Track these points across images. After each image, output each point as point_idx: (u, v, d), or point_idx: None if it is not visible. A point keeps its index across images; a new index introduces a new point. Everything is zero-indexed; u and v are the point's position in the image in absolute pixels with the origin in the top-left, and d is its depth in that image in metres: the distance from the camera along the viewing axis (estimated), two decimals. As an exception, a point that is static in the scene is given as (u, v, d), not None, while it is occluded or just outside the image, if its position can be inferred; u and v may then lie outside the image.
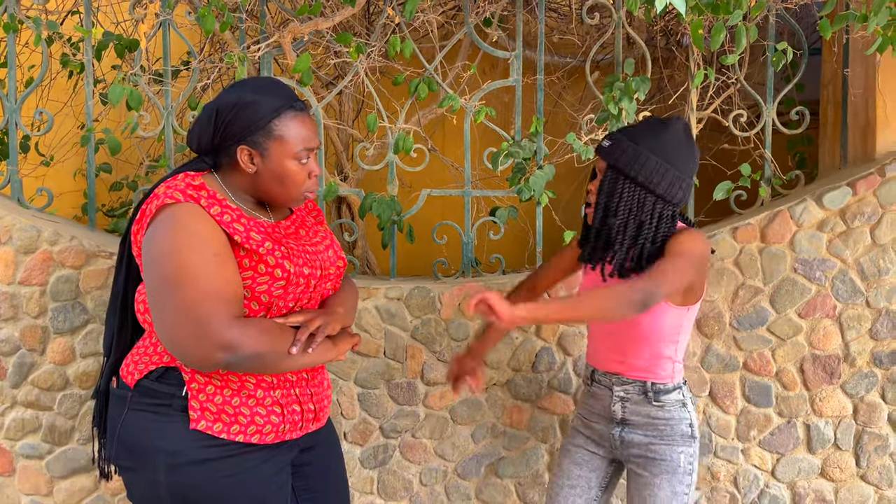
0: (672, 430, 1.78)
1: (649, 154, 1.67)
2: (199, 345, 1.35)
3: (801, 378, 2.35)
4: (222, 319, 1.36)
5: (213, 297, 1.36)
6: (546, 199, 2.41)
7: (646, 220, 1.69)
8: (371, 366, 2.33)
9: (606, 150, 1.72)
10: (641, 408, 1.80)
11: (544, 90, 2.50)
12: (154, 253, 1.40)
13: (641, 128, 1.73)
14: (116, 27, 2.90)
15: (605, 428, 1.85)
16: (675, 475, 1.76)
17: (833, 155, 2.69)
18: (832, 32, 2.22)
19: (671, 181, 1.68)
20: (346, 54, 2.44)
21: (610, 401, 1.83)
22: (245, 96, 1.47)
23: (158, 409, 1.46)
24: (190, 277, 1.36)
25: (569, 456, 1.91)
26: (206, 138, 1.49)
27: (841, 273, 2.32)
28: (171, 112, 2.41)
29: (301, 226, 1.62)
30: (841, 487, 2.37)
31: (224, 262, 1.40)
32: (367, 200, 2.39)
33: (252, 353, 1.38)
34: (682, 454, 1.78)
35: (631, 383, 1.80)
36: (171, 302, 1.37)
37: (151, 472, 1.45)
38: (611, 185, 1.70)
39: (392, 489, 2.36)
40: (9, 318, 2.24)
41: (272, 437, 1.51)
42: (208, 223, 1.42)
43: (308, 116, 1.53)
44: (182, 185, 1.45)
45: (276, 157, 1.47)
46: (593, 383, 1.88)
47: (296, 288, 1.49)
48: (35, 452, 2.27)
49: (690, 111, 2.48)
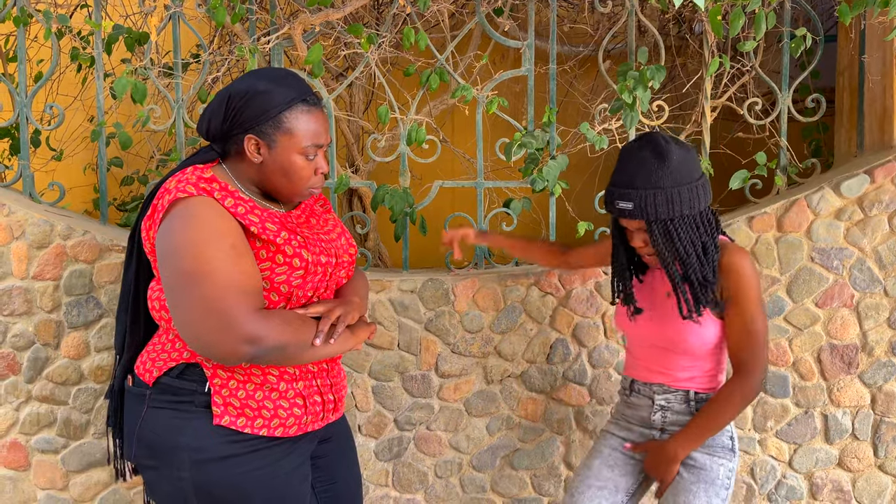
0: (713, 440, 1.75)
1: (678, 188, 1.63)
2: (223, 339, 1.34)
3: (819, 368, 2.33)
4: (244, 312, 1.34)
5: (233, 289, 1.35)
6: (559, 189, 2.40)
7: (705, 236, 1.68)
8: (385, 358, 2.33)
9: (636, 211, 1.65)
10: (682, 417, 1.77)
11: (556, 80, 2.47)
12: (170, 247, 1.38)
13: (646, 169, 1.65)
14: (126, 20, 2.89)
15: (645, 432, 1.83)
16: (712, 486, 1.73)
17: (850, 142, 2.66)
18: (850, 18, 2.19)
19: (698, 193, 1.66)
20: (356, 45, 2.43)
21: (650, 410, 1.81)
22: (258, 85, 1.44)
23: (180, 405, 1.45)
24: (209, 271, 1.34)
25: (601, 457, 1.86)
26: (216, 124, 1.47)
27: (859, 262, 2.30)
28: (181, 105, 2.40)
29: (311, 215, 1.60)
30: (858, 477, 2.36)
31: (241, 254, 1.39)
32: (380, 192, 2.38)
33: (276, 344, 1.37)
34: (722, 467, 1.75)
35: (674, 392, 1.78)
36: (190, 296, 1.35)
37: (176, 469, 1.43)
38: (665, 236, 1.66)
39: (407, 481, 2.36)
40: (23, 313, 2.24)
41: (295, 430, 1.50)
42: (223, 215, 1.40)
43: (320, 112, 1.50)
44: (193, 178, 1.43)
45: (283, 149, 1.45)
46: (632, 394, 1.85)
47: (314, 277, 1.48)
48: (50, 447, 2.27)
49: (705, 99, 2.46)
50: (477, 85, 2.46)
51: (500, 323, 2.33)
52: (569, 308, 2.34)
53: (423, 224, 2.45)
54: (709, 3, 2.02)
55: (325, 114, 1.52)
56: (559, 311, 2.34)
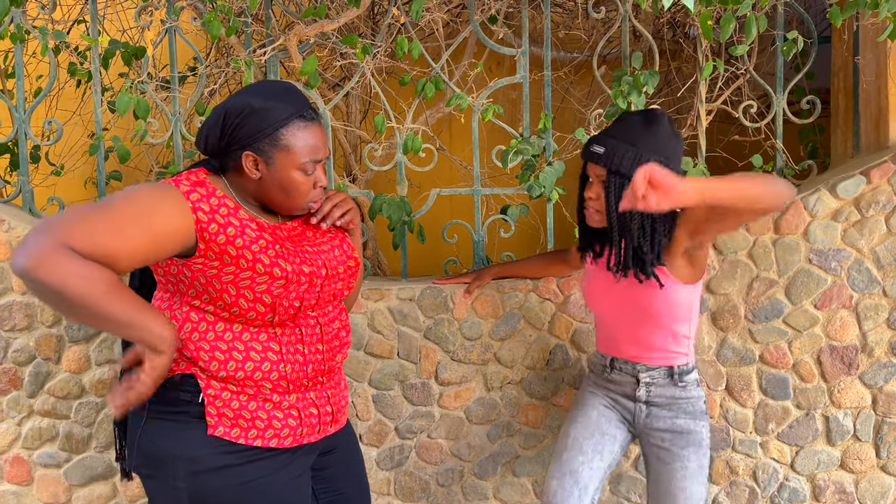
0: (693, 406, 1.83)
1: (649, 154, 1.67)
2: (33, 236, 1.26)
3: (819, 369, 2.33)
4: (68, 237, 1.26)
5: (100, 228, 1.30)
6: (556, 195, 2.40)
7: (657, 216, 1.71)
8: (385, 367, 2.33)
9: (603, 156, 1.71)
10: (666, 390, 1.83)
11: (552, 86, 2.48)
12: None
13: (630, 127, 1.71)
14: (122, 35, 2.90)
15: (628, 402, 1.88)
16: (700, 448, 1.81)
17: (845, 144, 2.66)
18: (843, 20, 2.20)
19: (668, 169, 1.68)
20: (351, 56, 2.44)
21: (634, 387, 1.85)
22: (254, 102, 1.44)
23: (176, 416, 1.45)
24: (112, 208, 1.33)
25: (595, 409, 1.90)
26: (213, 140, 1.47)
27: (857, 263, 2.30)
28: (179, 118, 2.41)
29: (308, 227, 1.60)
30: (861, 479, 2.35)
31: (146, 234, 1.34)
32: (378, 202, 2.39)
33: (53, 284, 1.24)
34: (704, 429, 1.83)
35: (656, 369, 1.83)
36: (89, 206, 1.33)
37: (172, 479, 1.44)
38: (619, 191, 1.69)
39: (409, 490, 2.36)
40: (24, 328, 2.25)
41: (290, 441, 1.50)
42: (175, 202, 1.39)
43: (318, 126, 1.50)
44: (182, 177, 1.46)
45: (281, 166, 1.45)
46: (613, 371, 1.88)
47: (298, 287, 1.47)
48: (53, 461, 2.28)
49: (700, 103, 2.46)
50: (472, 93, 2.47)
51: (500, 330, 2.34)
52: (567, 313, 2.34)
53: (421, 232, 2.46)
54: (699, 7, 2.03)
55: (322, 127, 1.52)
56: (558, 316, 2.34)
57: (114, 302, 1.29)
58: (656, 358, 1.82)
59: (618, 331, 1.86)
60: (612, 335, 1.88)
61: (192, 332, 1.45)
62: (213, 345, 1.45)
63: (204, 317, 1.45)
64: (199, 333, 1.45)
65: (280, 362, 1.48)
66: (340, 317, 1.62)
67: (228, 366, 1.45)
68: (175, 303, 1.48)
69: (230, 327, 1.46)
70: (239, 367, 1.45)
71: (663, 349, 1.82)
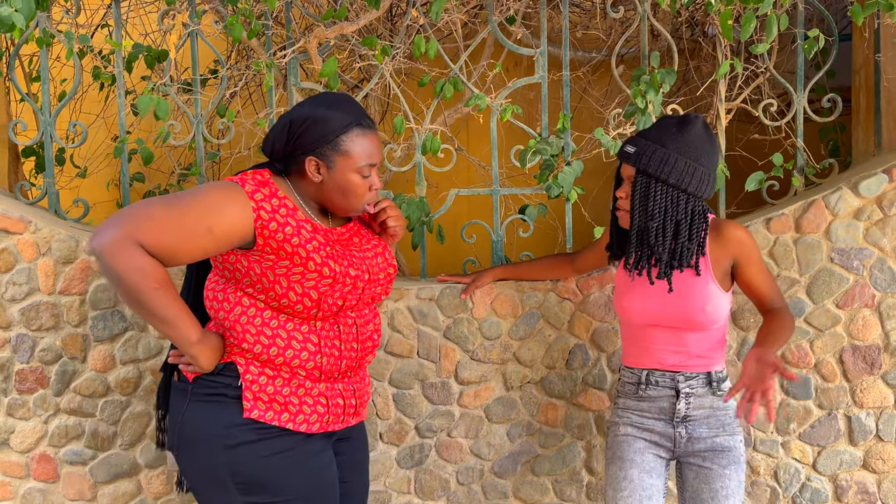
0: (728, 418, 1.82)
1: (678, 156, 1.72)
2: (109, 225, 1.47)
3: (841, 369, 2.31)
4: (137, 232, 1.45)
5: (167, 227, 1.47)
6: (575, 195, 2.40)
7: (682, 218, 1.74)
8: (405, 366, 2.34)
9: (633, 155, 1.75)
10: (704, 400, 1.82)
11: (570, 86, 2.48)
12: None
13: (663, 129, 1.76)
14: (145, 38, 2.94)
15: (666, 427, 1.84)
16: (739, 465, 1.81)
17: (867, 142, 2.64)
18: (864, 17, 2.18)
19: (700, 178, 1.74)
20: (371, 57, 2.45)
21: (672, 400, 1.82)
22: (317, 111, 1.58)
23: (215, 398, 1.58)
24: (180, 208, 1.49)
25: (635, 466, 1.83)
26: (279, 146, 1.61)
27: (879, 262, 2.28)
28: (200, 120, 2.44)
29: (356, 233, 1.72)
30: (884, 479, 2.33)
31: (207, 235, 1.50)
32: (397, 202, 2.40)
33: (117, 269, 1.45)
34: (740, 444, 1.83)
35: (695, 377, 1.82)
36: (161, 202, 1.52)
37: (211, 457, 1.56)
38: (644, 190, 1.73)
39: (429, 489, 2.37)
40: (50, 328, 2.29)
41: (318, 427, 1.62)
42: (238, 202, 1.52)
43: (374, 133, 1.64)
44: (248, 176, 1.58)
45: (340, 169, 1.60)
46: (648, 387, 1.85)
47: (342, 287, 1.59)
48: (79, 458, 2.32)
49: (719, 102, 2.45)
50: (491, 93, 2.48)
51: (519, 329, 2.34)
52: (587, 313, 2.35)
53: (440, 232, 2.47)
54: (719, 5, 2.03)
55: (377, 135, 1.67)
56: (577, 316, 2.35)
57: (159, 298, 1.47)
58: (696, 365, 1.81)
59: (659, 340, 1.83)
60: (650, 346, 1.85)
61: (242, 314, 1.58)
62: (259, 329, 1.57)
63: (254, 303, 1.59)
64: (248, 317, 1.58)
65: (317, 353, 1.60)
66: (375, 320, 1.74)
67: (270, 350, 1.57)
68: (229, 288, 1.61)
69: (276, 316, 1.59)
70: (280, 352, 1.58)
71: (705, 356, 1.81)
